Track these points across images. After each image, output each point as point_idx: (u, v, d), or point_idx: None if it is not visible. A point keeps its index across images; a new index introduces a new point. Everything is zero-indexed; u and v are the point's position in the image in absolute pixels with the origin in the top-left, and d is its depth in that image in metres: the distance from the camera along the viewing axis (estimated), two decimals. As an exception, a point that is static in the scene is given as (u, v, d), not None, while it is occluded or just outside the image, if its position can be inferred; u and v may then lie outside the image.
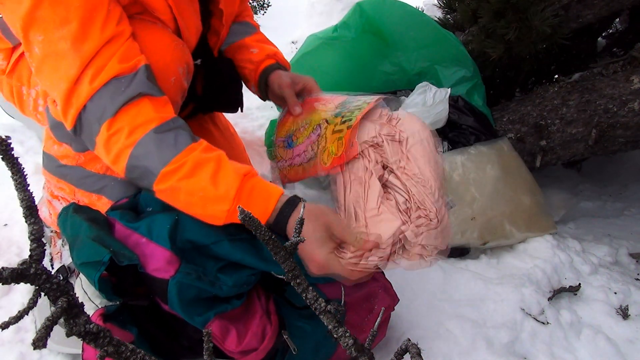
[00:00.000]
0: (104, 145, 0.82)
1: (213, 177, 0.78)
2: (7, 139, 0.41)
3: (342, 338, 0.50)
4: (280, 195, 0.81)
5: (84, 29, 0.78)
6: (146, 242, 0.83)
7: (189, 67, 0.97)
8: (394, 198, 0.83)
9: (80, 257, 0.80)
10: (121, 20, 0.83)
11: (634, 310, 1.28)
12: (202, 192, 0.78)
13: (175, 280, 0.79)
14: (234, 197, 0.78)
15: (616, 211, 1.92)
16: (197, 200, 0.79)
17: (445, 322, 1.14)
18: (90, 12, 0.78)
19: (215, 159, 0.80)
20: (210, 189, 0.78)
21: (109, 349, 0.43)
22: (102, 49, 0.79)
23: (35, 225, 0.44)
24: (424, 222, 0.81)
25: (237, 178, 0.79)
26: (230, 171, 0.80)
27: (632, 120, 1.50)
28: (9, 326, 0.40)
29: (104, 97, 0.79)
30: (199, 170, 0.79)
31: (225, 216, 0.78)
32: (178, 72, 0.92)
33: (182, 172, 0.78)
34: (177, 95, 0.95)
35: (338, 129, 0.92)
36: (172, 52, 0.91)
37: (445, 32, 1.72)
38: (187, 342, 0.90)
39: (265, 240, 0.48)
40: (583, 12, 1.68)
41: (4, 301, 1.10)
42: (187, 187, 0.78)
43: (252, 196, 0.79)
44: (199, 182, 0.78)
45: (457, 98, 1.62)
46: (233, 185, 0.78)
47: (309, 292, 0.51)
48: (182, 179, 0.78)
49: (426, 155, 0.87)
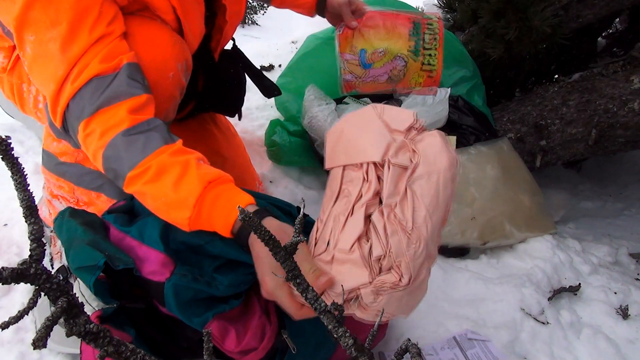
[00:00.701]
0: (83, 145, 0.82)
1: (176, 182, 0.75)
2: (7, 139, 0.41)
3: (342, 338, 0.50)
4: (247, 206, 0.76)
5: (73, 30, 0.78)
6: (139, 245, 0.83)
7: (188, 63, 0.97)
8: (370, 244, 0.69)
9: (75, 261, 0.80)
10: (114, 21, 0.83)
11: (634, 310, 1.28)
12: (164, 198, 0.76)
13: (171, 283, 0.79)
14: (195, 204, 0.74)
15: (616, 211, 1.92)
16: (160, 205, 0.77)
17: (445, 322, 1.14)
18: (80, 13, 0.78)
19: (182, 163, 0.77)
20: (172, 195, 0.75)
21: (109, 349, 0.43)
22: (89, 50, 0.79)
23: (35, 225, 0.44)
24: (389, 285, 0.66)
25: (200, 185, 0.75)
26: (194, 177, 0.76)
27: (632, 120, 1.50)
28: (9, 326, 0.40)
29: (84, 96, 0.79)
30: (163, 175, 0.76)
31: (187, 223, 0.75)
32: (177, 68, 0.92)
33: (147, 176, 0.76)
34: (175, 90, 0.95)
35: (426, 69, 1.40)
36: (171, 48, 0.91)
37: (445, 32, 1.72)
38: (186, 344, 0.90)
39: (265, 240, 0.48)
40: (583, 12, 1.68)
41: (4, 301, 1.10)
42: (151, 192, 0.77)
43: (215, 205, 0.75)
44: (162, 187, 0.76)
45: (457, 98, 1.62)
46: (194, 192, 0.74)
47: (309, 292, 0.51)
48: (146, 183, 0.76)
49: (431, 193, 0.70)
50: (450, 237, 1.39)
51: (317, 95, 1.52)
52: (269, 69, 2.44)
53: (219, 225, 0.75)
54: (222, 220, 0.75)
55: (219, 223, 0.75)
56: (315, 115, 1.47)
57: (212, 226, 0.76)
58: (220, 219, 0.75)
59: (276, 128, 1.67)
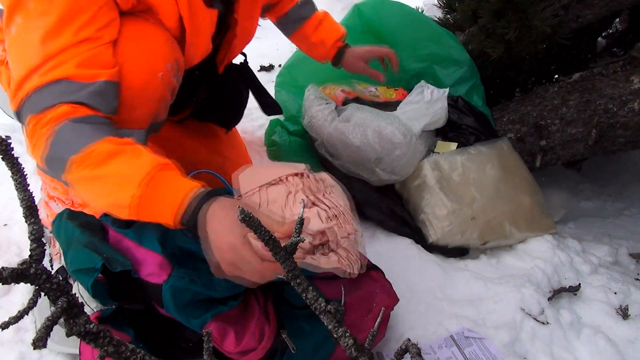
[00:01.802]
0: (28, 137, 0.80)
1: (123, 162, 0.74)
2: (7, 139, 0.41)
3: (342, 338, 0.50)
4: (194, 187, 0.75)
5: (59, 25, 0.77)
6: (136, 247, 0.83)
7: (179, 64, 0.95)
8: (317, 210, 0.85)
9: (73, 264, 0.80)
10: (106, 26, 0.82)
11: (634, 310, 1.28)
12: (109, 179, 0.74)
13: (169, 285, 0.79)
14: (141, 182, 0.72)
15: (616, 211, 1.92)
16: (101, 188, 0.75)
17: (445, 322, 1.14)
18: (73, 11, 0.78)
19: (131, 149, 0.76)
20: (117, 174, 0.73)
21: (109, 349, 0.43)
22: (69, 49, 0.78)
23: (35, 225, 0.44)
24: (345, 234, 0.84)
25: (150, 165, 0.74)
26: (144, 157, 0.75)
27: (632, 120, 1.50)
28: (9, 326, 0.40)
29: (47, 93, 0.77)
30: (111, 158, 0.74)
31: (129, 204, 0.72)
32: (166, 68, 0.91)
33: (92, 159, 0.74)
34: (165, 91, 0.93)
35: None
36: (160, 47, 0.90)
37: (444, 32, 1.72)
38: (185, 344, 0.90)
39: (265, 240, 0.48)
40: (583, 12, 1.68)
41: (4, 301, 1.10)
42: (95, 174, 0.74)
43: (162, 184, 0.73)
44: (107, 168, 0.73)
45: (457, 98, 1.62)
46: (143, 169, 0.73)
47: (309, 292, 0.51)
48: (90, 165, 0.74)
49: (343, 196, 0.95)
50: (450, 237, 1.39)
51: (317, 95, 1.52)
52: (269, 69, 2.44)
53: (163, 210, 0.73)
54: (167, 204, 0.73)
55: (164, 207, 0.73)
56: (315, 115, 1.47)
57: (155, 211, 0.73)
58: (165, 203, 0.73)
59: (276, 128, 1.67)
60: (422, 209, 1.43)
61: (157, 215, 0.74)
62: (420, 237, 1.41)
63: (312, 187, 0.91)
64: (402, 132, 1.40)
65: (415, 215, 1.46)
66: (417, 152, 1.47)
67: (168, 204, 0.73)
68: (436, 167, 1.46)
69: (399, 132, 1.40)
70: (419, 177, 1.46)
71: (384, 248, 1.36)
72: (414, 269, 1.30)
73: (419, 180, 1.46)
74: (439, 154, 1.50)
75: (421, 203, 1.44)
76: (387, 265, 1.14)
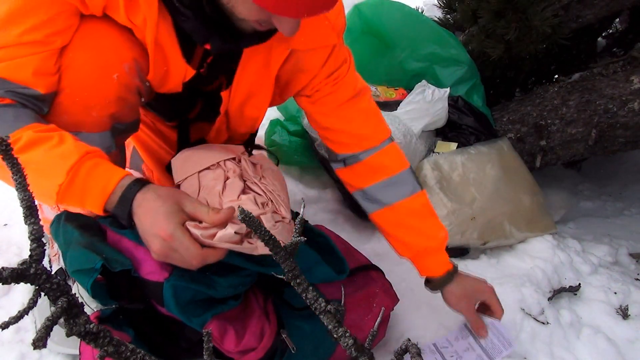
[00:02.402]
0: None
1: (49, 149, 0.72)
2: (7, 139, 0.41)
3: (342, 338, 0.50)
4: (126, 175, 0.74)
5: (8, 20, 0.73)
6: (136, 247, 0.83)
7: (139, 63, 0.87)
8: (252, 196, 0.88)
9: (72, 264, 0.80)
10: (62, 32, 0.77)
11: (634, 310, 1.28)
12: (34, 165, 0.70)
13: (170, 283, 0.79)
14: (69, 171, 0.70)
15: (616, 211, 1.92)
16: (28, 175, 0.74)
17: (445, 322, 1.14)
18: (27, 9, 0.74)
19: (57, 135, 0.74)
20: (43, 162, 0.71)
21: (109, 349, 0.43)
22: (13, 47, 0.74)
23: (35, 225, 0.44)
24: (279, 218, 0.86)
25: (77, 153, 0.72)
26: (71, 145, 0.73)
27: (632, 120, 1.50)
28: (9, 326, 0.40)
29: None
30: (36, 144, 0.72)
31: (56, 192, 0.71)
32: (122, 68, 0.84)
33: (17, 146, 0.71)
34: (124, 92, 0.86)
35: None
36: (114, 47, 0.83)
37: (444, 32, 1.72)
38: (185, 344, 0.90)
39: (265, 240, 0.48)
40: (583, 12, 1.68)
41: (4, 301, 1.10)
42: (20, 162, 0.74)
43: (92, 173, 0.72)
44: (33, 156, 0.71)
45: (457, 98, 1.62)
46: (71, 158, 0.71)
47: (309, 292, 0.51)
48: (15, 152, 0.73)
49: (278, 178, 0.98)
50: (450, 237, 1.39)
51: (317, 95, 1.52)
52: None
53: (92, 196, 0.72)
54: (98, 190, 0.72)
55: (94, 193, 0.72)
56: (315, 115, 1.46)
57: (84, 199, 0.73)
58: (95, 189, 0.72)
59: (276, 128, 1.67)
60: (422, 209, 1.43)
61: (84, 203, 0.73)
62: (420, 237, 1.42)
63: (249, 171, 0.94)
64: (402, 132, 1.40)
65: (415, 215, 1.46)
66: (417, 152, 1.47)
67: (98, 192, 0.72)
68: (436, 167, 1.46)
69: (399, 132, 1.40)
70: (419, 177, 1.46)
71: (384, 248, 1.36)
72: (414, 269, 1.30)
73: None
74: (439, 154, 1.50)
75: (421, 203, 1.44)
76: (387, 265, 1.14)
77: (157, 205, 0.72)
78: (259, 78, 0.96)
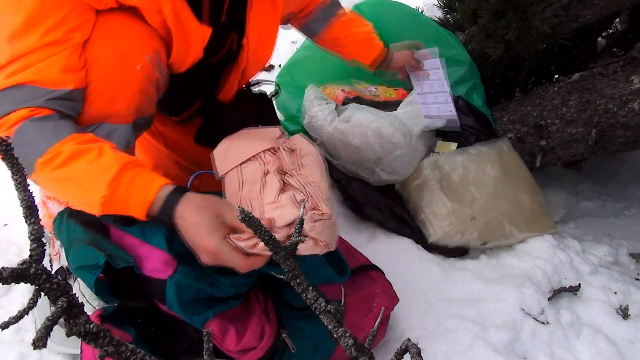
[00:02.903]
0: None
1: (90, 162, 0.75)
2: (7, 139, 0.41)
3: (342, 338, 0.50)
4: (165, 185, 0.77)
5: (26, 26, 0.76)
6: (140, 244, 0.83)
7: (160, 54, 0.92)
8: (292, 193, 0.88)
9: (75, 261, 0.80)
10: (79, 27, 0.80)
11: (634, 310, 1.28)
12: (77, 179, 0.75)
13: (174, 280, 0.79)
14: (110, 183, 0.74)
15: (616, 211, 1.92)
16: (71, 188, 0.76)
17: (444, 322, 1.14)
18: (41, 12, 0.76)
19: (96, 147, 0.77)
20: (85, 176, 0.75)
21: (109, 349, 0.43)
22: (36, 51, 0.76)
23: (35, 225, 0.44)
24: (319, 217, 0.85)
25: (117, 164, 0.75)
26: (110, 157, 0.76)
27: (632, 120, 1.50)
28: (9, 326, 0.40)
29: (10, 97, 0.76)
30: (77, 158, 0.75)
31: (100, 203, 0.74)
32: (144, 59, 0.88)
33: (59, 160, 0.75)
34: (145, 84, 0.91)
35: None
36: (137, 39, 0.87)
37: (444, 32, 1.72)
38: (186, 343, 0.90)
39: (265, 240, 0.48)
40: (583, 12, 1.68)
41: (4, 301, 1.10)
42: (63, 175, 0.75)
43: (132, 184, 0.76)
44: (74, 169, 0.75)
45: (457, 98, 1.62)
46: (111, 171, 0.75)
47: (309, 292, 0.51)
48: (58, 167, 0.74)
49: (317, 165, 0.96)
50: (450, 237, 1.39)
51: (317, 95, 1.52)
52: (269, 69, 2.44)
53: (134, 205, 0.76)
54: (138, 200, 0.75)
55: (135, 203, 0.75)
56: (315, 115, 1.46)
57: (127, 207, 0.76)
58: (136, 199, 0.75)
59: (276, 128, 1.67)
60: (422, 209, 1.43)
61: (128, 211, 0.76)
62: (420, 237, 1.41)
63: (286, 163, 0.95)
64: (402, 132, 1.40)
65: (415, 215, 1.46)
66: (417, 152, 1.47)
67: (139, 202, 0.75)
68: (436, 167, 1.46)
69: (399, 132, 1.39)
70: (419, 177, 1.46)
71: (384, 248, 1.36)
72: (414, 269, 1.30)
73: (419, 180, 1.46)
74: (439, 154, 1.50)
75: (421, 203, 1.44)
76: (387, 265, 1.14)
77: (198, 219, 0.75)
78: (268, 17, 1.04)
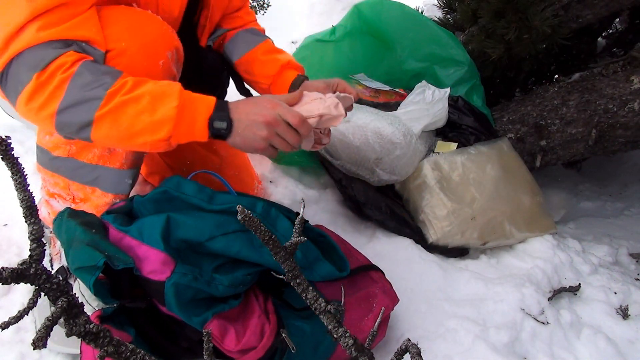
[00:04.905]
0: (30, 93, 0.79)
1: (154, 84, 0.82)
2: (7, 139, 0.41)
3: (342, 338, 0.50)
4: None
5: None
6: (139, 245, 0.83)
7: (179, 53, 0.96)
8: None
9: (75, 262, 0.80)
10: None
11: (634, 310, 1.28)
12: (149, 95, 0.80)
13: (172, 282, 0.79)
14: (180, 92, 0.81)
15: (616, 211, 1.92)
16: (145, 105, 0.80)
17: (445, 322, 1.14)
18: None
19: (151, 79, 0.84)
20: (157, 91, 0.81)
21: (109, 349, 0.43)
22: (56, 8, 0.78)
23: (35, 225, 0.44)
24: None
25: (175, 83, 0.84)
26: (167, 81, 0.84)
27: (632, 120, 1.50)
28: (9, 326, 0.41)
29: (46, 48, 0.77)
30: (143, 82, 0.81)
31: (175, 114, 0.80)
32: (166, 55, 0.92)
33: (128, 86, 0.79)
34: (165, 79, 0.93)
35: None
36: (161, 35, 0.91)
37: (444, 32, 1.72)
38: (186, 344, 0.90)
39: (265, 240, 0.48)
40: (583, 12, 1.68)
41: (4, 301, 1.10)
42: (135, 95, 0.80)
43: (192, 94, 0.84)
44: (145, 88, 0.80)
45: (457, 98, 1.63)
46: (175, 86, 0.82)
47: (308, 292, 0.51)
48: (128, 91, 0.79)
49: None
50: (450, 237, 1.39)
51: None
52: (269, 69, 2.44)
53: (200, 112, 0.83)
54: (204, 105, 0.83)
55: (201, 109, 0.83)
56: (315, 115, 1.46)
57: (194, 116, 0.82)
58: (202, 105, 0.83)
59: (276, 128, 1.67)
60: (422, 209, 1.43)
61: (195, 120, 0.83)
62: (421, 237, 1.42)
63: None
64: (402, 132, 1.40)
65: (415, 215, 1.46)
66: (417, 152, 1.47)
67: (205, 106, 0.83)
68: (436, 167, 1.46)
69: (399, 132, 1.40)
70: (419, 177, 1.46)
71: (384, 248, 1.36)
72: (414, 269, 1.30)
73: (419, 180, 1.46)
74: (439, 154, 1.50)
75: (421, 203, 1.44)
76: (387, 265, 1.14)
77: (254, 102, 0.86)
78: None
